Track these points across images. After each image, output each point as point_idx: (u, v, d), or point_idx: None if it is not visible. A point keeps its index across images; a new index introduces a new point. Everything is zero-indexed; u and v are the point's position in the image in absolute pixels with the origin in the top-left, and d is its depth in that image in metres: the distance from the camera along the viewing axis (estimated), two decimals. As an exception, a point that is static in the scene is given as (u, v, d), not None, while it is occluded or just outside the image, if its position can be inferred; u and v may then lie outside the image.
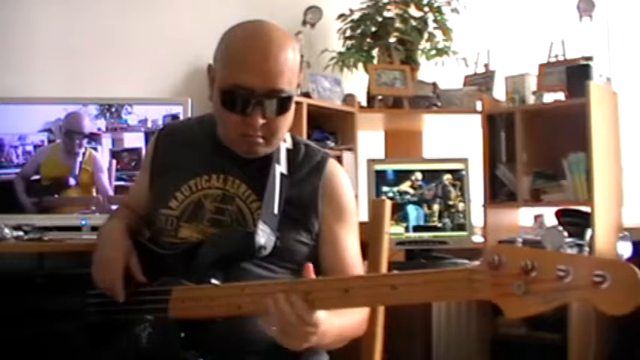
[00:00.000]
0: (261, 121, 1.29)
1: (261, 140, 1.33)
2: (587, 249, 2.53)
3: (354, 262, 1.40)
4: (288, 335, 1.10)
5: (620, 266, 0.85)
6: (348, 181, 1.45)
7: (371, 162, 3.05)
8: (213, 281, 1.25)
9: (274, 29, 1.31)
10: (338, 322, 1.21)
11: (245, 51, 1.27)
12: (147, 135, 2.35)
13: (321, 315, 1.10)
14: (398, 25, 3.38)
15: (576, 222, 2.80)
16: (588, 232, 2.58)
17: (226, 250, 1.30)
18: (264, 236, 1.29)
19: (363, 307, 1.32)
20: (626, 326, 2.63)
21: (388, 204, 1.52)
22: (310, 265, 1.15)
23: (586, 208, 2.77)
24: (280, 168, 1.37)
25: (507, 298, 0.92)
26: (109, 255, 1.34)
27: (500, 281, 0.93)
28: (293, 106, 1.35)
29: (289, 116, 1.34)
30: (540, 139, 3.03)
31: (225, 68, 1.30)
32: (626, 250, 2.43)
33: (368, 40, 3.38)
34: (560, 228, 2.52)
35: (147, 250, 1.38)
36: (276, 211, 1.33)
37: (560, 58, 3.05)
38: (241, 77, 1.26)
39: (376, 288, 1.06)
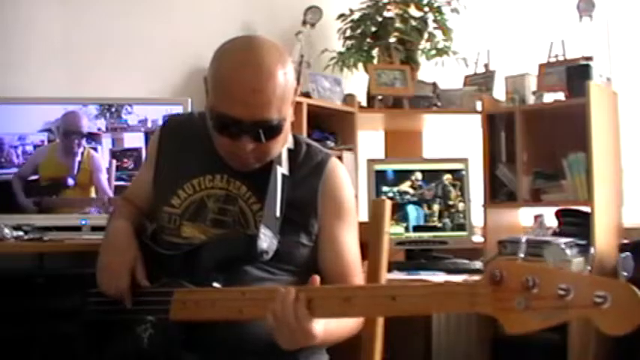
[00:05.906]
0: (250, 146, 1.28)
1: (252, 160, 1.33)
2: (588, 268, 2.52)
3: (353, 261, 1.40)
4: (284, 336, 1.11)
5: (621, 287, 0.86)
6: (348, 180, 1.45)
7: (371, 162, 3.05)
8: (215, 284, 1.24)
9: (264, 52, 1.26)
10: (335, 325, 1.21)
11: (232, 83, 1.25)
12: (147, 135, 2.35)
13: (318, 327, 1.10)
14: (398, 25, 3.38)
15: (576, 222, 2.80)
16: (592, 250, 2.57)
17: (228, 253, 1.30)
18: (267, 240, 1.28)
19: (362, 316, 1.32)
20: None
21: (388, 204, 1.51)
22: (317, 277, 1.15)
23: (586, 208, 2.77)
24: (282, 169, 1.36)
25: (508, 313, 0.92)
26: (115, 260, 1.33)
27: (502, 296, 0.93)
28: (288, 125, 1.33)
29: (281, 137, 1.33)
30: (540, 139, 3.03)
31: (214, 95, 1.29)
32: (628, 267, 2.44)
33: (368, 40, 3.37)
34: (563, 246, 2.52)
35: (149, 250, 1.38)
36: (277, 214, 1.32)
37: (560, 58, 3.05)
38: (228, 109, 1.25)
39: (376, 298, 1.06)
